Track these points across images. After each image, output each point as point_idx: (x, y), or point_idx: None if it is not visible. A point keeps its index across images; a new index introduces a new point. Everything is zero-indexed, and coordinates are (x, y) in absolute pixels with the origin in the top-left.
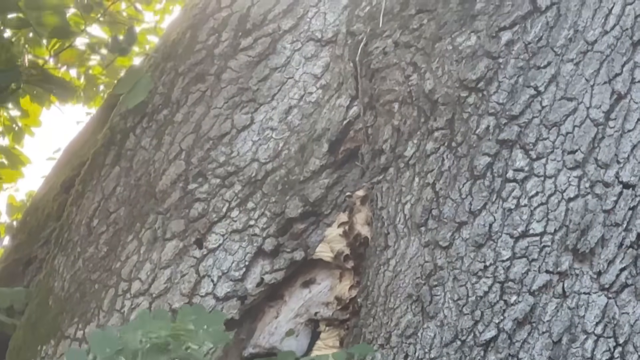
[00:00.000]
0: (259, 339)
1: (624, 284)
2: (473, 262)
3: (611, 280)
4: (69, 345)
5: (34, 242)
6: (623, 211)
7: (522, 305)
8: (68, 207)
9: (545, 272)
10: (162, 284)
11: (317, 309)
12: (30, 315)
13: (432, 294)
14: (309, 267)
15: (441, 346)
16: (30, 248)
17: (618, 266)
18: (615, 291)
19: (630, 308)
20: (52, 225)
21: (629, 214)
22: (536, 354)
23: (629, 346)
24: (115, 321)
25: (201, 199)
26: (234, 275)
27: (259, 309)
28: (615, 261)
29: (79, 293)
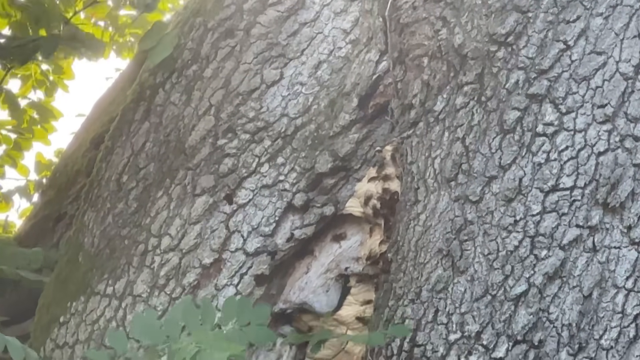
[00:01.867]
0: (289, 295)
1: None
2: (503, 217)
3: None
4: (99, 301)
5: (64, 198)
6: None
7: (553, 260)
8: (97, 163)
9: (576, 227)
10: (192, 240)
11: (348, 264)
12: (60, 272)
13: (463, 249)
14: (339, 222)
15: (471, 301)
16: (59, 204)
17: None
18: None
19: None
20: (81, 181)
21: None
22: (567, 308)
23: None
24: (145, 277)
25: (231, 155)
26: (264, 230)
27: (289, 265)
28: None
29: (108, 249)
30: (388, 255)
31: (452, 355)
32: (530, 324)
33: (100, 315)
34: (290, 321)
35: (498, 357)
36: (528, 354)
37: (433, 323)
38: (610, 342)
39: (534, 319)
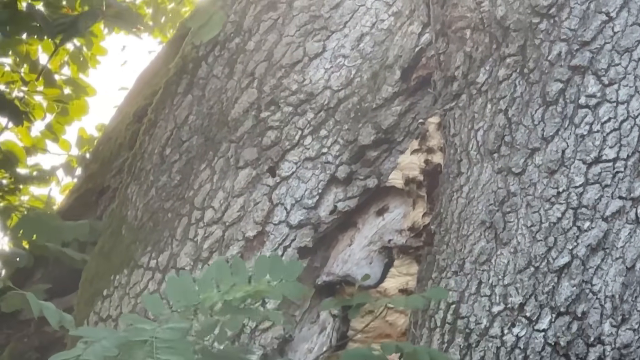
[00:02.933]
0: (333, 267)
1: None
2: (546, 189)
3: None
4: (142, 274)
5: (107, 171)
6: None
7: (596, 232)
8: (140, 136)
9: (619, 198)
10: (235, 212)
11: (391, 236)
12: (104, 245)
13: (506, 221)
14: (382, 195)
15: (515, 273)
16: (103, 178)
17: None
18: None
19: None
20: (124, 154)
21: None
22: (610, 280)
23: None
24: (189, 250)
25: (274, 127)
26: (307, 203)
27: (333, 237)
28: None
29: (152, 222)
30: (431, 228)
31: (495, 327)
32: (574, 296)
33: (143, 288)
34: (333, 294)
35: (541, 328)
36: (571, 325)
37: (476, 295)
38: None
39: (577, 291)
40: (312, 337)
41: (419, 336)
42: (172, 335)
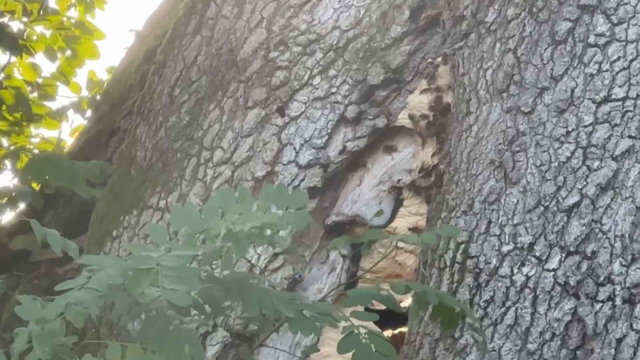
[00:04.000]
0: (342, 207)
1: None
2: (555, 128)
3: None
4: (152, 215)
5: (117, 113)
6: None
7: (605, 171)
8: (150, 77)
9: (628, 137)
10: (244, 153)
11: (400, 176)
12: (113, 186)
13: (515, 160)
14: (391, 135)
15: (524, 212)
16: (113, 119)
17: None
18: None
19: None
20: (134, 96)
21: None
22: (619, 219)
23: None
24: (198, 190)
25: (283, 67)
26: (317, 143)
27: (342, 177)
28: None
29: (161, 162)
30: (440, 167)
31: (504, 267)
32: (583, 235)
33: None
34: (342, 234)
35: (551, 268)
36: (581, 265)
37: (486, 235)
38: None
39: (587, 230)
40: (322, 277)
41: (428, 276)
42: (177, 263)
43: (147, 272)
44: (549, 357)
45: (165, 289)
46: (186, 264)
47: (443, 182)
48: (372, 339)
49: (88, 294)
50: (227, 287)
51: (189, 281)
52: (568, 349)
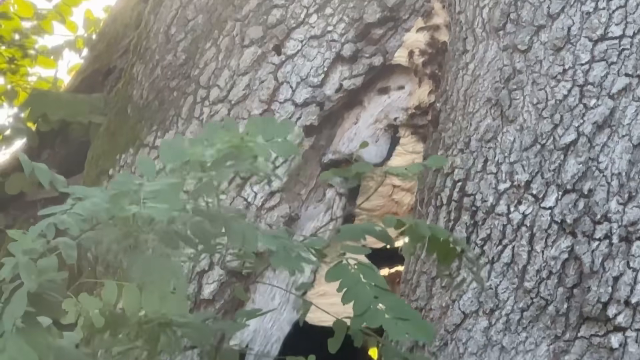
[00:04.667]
0: (338, 145)
1: None
2: (552, 66)
3: None
4: (148, 153)
5: (113, 52)
6: None
7: (602, 109)
8: (146, 16)
9: (625, 75)
10: (241, 91)
11: (397, 114)
12: (109, 125)
13: (511, 98)
14: (387, 73)
15: (521, 150)
16: (109, 58)
17: None
18: None
19: None
20: (130, 34)
21: None
22: (616, 157)
23: None
24: (194, 129)
25: (279, 5)
26: (313, 81)
27: (338, 115)
28: None
29: (157, 101)
30: (437, 106)
31: (501, 205)
32: (580, 173)
33: None
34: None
35: (548, 206)
36: (578, 203)
37: (482, 172)
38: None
39: (584, 168)
40: (319, 215)
41: (425, 214)
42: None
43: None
44: (545, 295)
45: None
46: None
47: (439, 121)
48: (360, 269)
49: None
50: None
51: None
52: (565, 287)
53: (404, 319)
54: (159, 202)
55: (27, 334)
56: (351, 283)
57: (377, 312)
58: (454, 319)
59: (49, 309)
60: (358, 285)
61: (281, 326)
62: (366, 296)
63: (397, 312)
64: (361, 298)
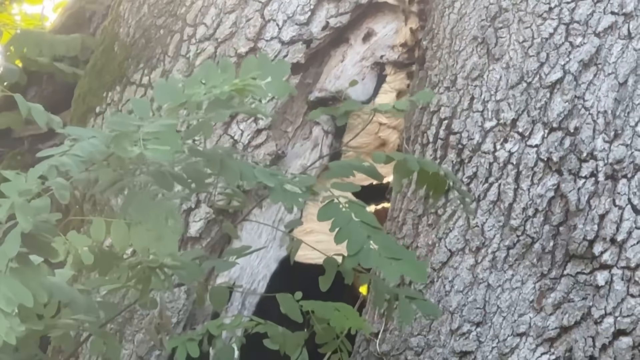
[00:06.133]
0: (325, 83)
1: None
2: (538, 4)
3: None
4: (135, 91)
5: None
6: None
7: (588, 47)
8: None
9: (611, 14)
10: (227, 29)
11: (383, 52)
12: (96, 62)
13: (498, 36)
14: (374, 11)
15: (507, 88)
16: None
17: None
18: None
19: None
20: None
21: None
22: (602, 95)
23: None
24: (181, 66)
25: None
26: (299, 19)
27: (325, 53)
28: None
29: (144, 39)
30: (423, 44)
31: (487, 143)
32: (566, 111)
33: None
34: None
35: (534, 144)
36: (564, 141)
37: (469, 110)
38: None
39: (570, 106)
40: (305, 153)
41: (411, 152)
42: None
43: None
44: (531, 233)
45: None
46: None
47: (426, 59)
48: (352, 208)
49: (70, 159)
50: (209, 158)
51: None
52: (551, 224)
53: (397, 259)
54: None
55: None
56: (343, 222)
57: (370, 252)
58: (440, 256)
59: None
60: (350, 224)
61: (268, 264)
62: (359, 235)
63: (390, 252)
64: (354, 237)
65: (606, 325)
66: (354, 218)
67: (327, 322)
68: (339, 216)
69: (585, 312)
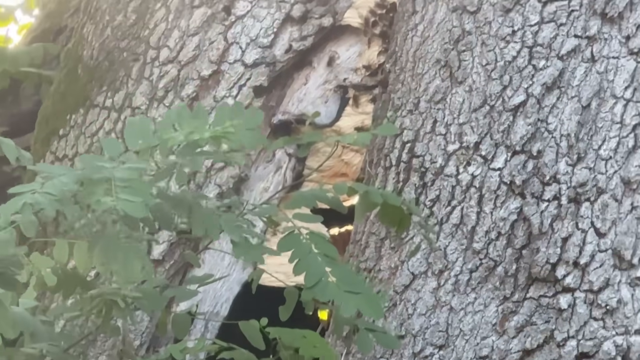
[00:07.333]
0: (288, 106)
1: None
2: (501, 27)
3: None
4: (98, 113)
5: (64, 11)
6: None
7: (551, 70)
8: None
9: (574, 37)
10: (191, 51)
11: (346, 75)
12: (59, 85)
13: (461, 59)
14: (337, 34)
15: (470, 111)
16: (60, 17)
17: None
18: None
19: None
20: None
21: None
22: (565, 118)
23: None
24: (144, 89)
25: None
26: (263, 42)
27: (288, 76)
28: None
29: (107, 61)
30: (386, 66)
31: (450, 166)
32: (529, 134)
33: (99, 128)
34: (289, 133)
35: (497, 167)
36: (527, 164)
37: (431, 134)
38: (609, 152)
39: (533, 129)
40: (268, 176)
41: (374, 175)
42: (130, 175)
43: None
44: (494, 256)
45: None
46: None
47: (389, 82)
48: (312, 239)
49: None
50: (177, 203)
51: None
52: (514, 248)
53: (355, 293)
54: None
55: None
56: (303, 254)
57: (328, 285)
58: (402, 279)
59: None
60: (310, 256)
61: (231, 286)
62: (318, 268)
63: (348, 285)
64: (313, 270)
65: (569, 349)
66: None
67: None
68: (299, 247)
69: (548, 335)
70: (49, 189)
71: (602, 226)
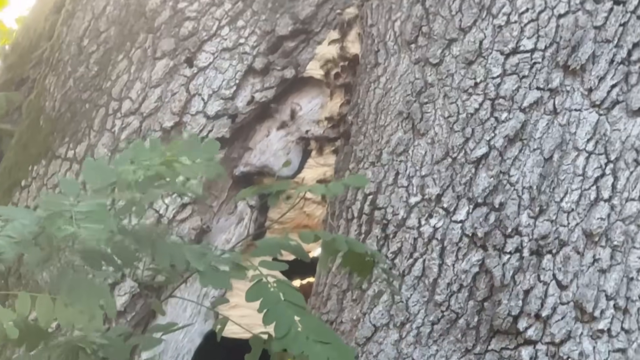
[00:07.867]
0: (250, 158)
1: (615, 100)
2: (463, 79)
3: (602, 97)
4: (60, 165)
5: (26, 62)
6: (614, 27)
7: (513, 122)
8: (58, 27)
9: (536, 89)
10: (153, 103)
11: (308, 127)
12: (21, 136)
13: (423, 111)
14: (300, 85)
15: (432, 163)
16: (22, 68)
17: (609, 82)
18: (607, 107)
19: (621, 125)
20: (43, 45)
21: (620, 30)
22: (527, 170)
23: (620, 163)
24: (106, 140)
25: (191, 18)
26: (225, 93)
27: (250, 128)
28: (606, 77)
29: (69, 113)
30: (348, 118)
31: (412, 218)
32: (491, 187)
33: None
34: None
35: (459, 220)
36: (489, 216)
37: (393, 186)
38: (571, 204)
39: (495, 182)
40: (230, 227)
41: (336, 227)
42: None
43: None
44: (456, 309)
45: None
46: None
47: (351, 133)
48: (280, 288)
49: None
50: (139, 239)
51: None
52: (475, 300)
53: (324, 343)
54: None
55: None
56: (272, 303)
57: (298, 336)
58: (364, 331)
59: None
60: (279, 305)
61: (192, 338)
62: (287, 318)
63: (318, 335)
64: (282, 320)
65: None
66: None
67: None
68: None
69: None
70: (9, 231)
71: (564, 279)
